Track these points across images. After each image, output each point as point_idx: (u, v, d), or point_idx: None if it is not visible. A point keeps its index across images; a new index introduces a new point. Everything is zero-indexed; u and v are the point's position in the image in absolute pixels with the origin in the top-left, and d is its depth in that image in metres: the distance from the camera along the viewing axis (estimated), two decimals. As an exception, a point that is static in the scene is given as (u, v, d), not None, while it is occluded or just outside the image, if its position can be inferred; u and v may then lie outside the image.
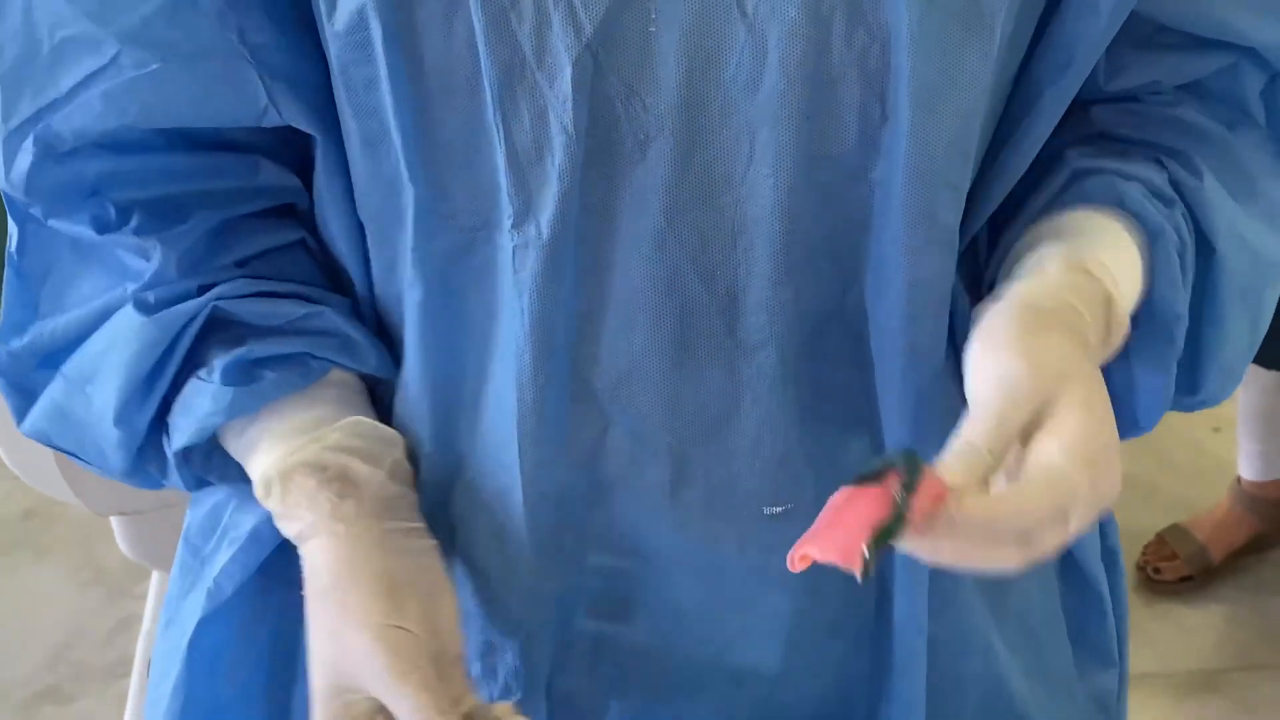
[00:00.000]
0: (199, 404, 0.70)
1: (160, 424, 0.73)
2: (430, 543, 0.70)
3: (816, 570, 0.69)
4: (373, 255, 0.71)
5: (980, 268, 0.75)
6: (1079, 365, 0.59)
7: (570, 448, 0.68)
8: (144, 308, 0.70)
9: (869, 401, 0.70)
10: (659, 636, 0.74)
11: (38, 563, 2.30)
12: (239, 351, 0.70)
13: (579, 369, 0.66)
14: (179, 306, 0.70)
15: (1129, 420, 0.70)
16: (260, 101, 0.65)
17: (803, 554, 0.55)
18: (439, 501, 0.73)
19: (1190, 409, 0.76)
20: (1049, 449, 0.56)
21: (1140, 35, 0.67)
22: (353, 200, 0.70)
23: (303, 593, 0.74)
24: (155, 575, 1.87)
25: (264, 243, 0.73)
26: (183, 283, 0.72)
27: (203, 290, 0.71)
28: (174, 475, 0.75)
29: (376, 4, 0.59)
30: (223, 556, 0.80)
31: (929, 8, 0.58)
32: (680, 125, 0.60)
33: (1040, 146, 0.67)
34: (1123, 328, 0.64)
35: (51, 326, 0.72)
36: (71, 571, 2.27)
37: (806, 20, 0.58)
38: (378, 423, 0.72)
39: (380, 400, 0.76)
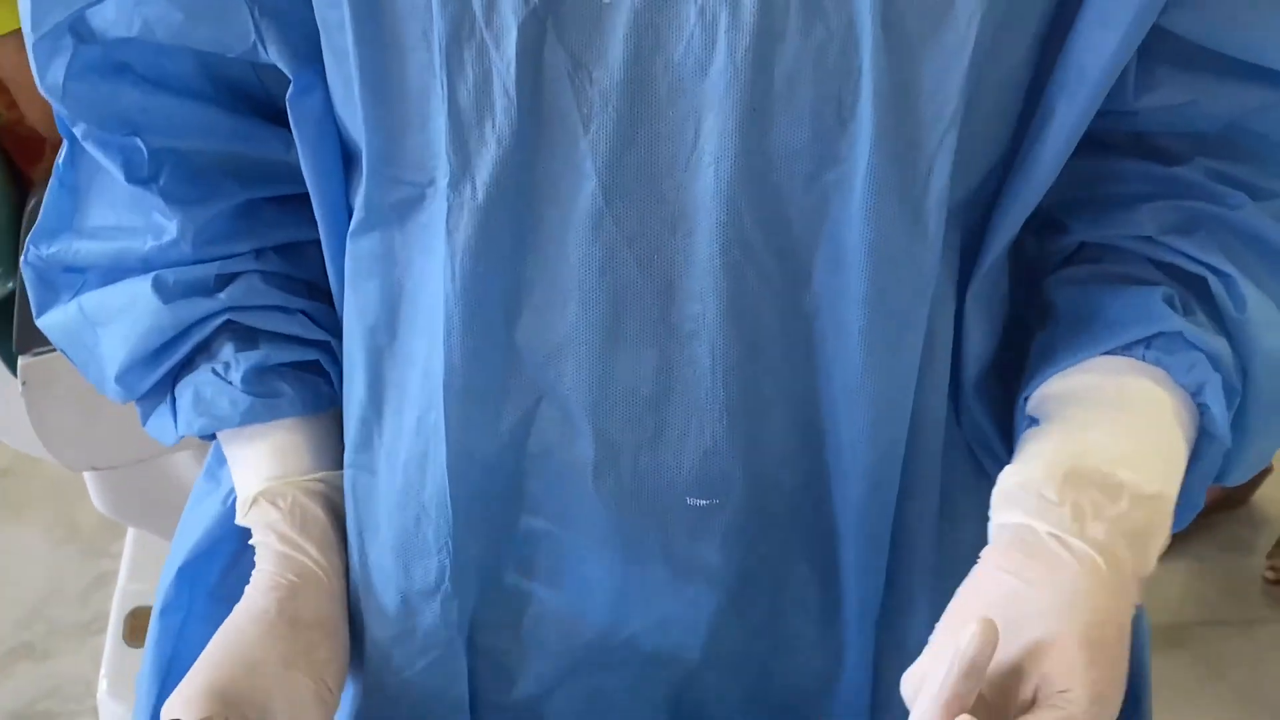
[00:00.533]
0: (217, 404, 0.74)
1: (159, 389, 0.77)
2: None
3: (741, 572, 0.73)
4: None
5: (1005, 295, 0.73)
6: (1118, 676, 0.62)
7: (500, 416, 0.68)
8: (162, 291, 0.73)
9: (812, 407, 0.69)
10: (581, 607, 0.74)
11: (13, 521, 2.30)
12: (256, 356, 0.74)
13: (512, 338, 0.66)
14: (196, 301, 0.73)
15: None
16: (249, 36, 0.65)
17: None
18: (365, 464, 0.75)
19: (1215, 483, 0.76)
20: None
21: (1177, 54, 0.65)
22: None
23: None
24: (130, 533, 1.89)
25: (282, 235, 0.75)
26: (200, 267, 0.74)
27: (220, 282, 0.74)
28: (166, 424, 0.78)
29: None
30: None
31: (894, 5, 0.56)
32: (625, 103, 0.59)
33: (1056, 172, 0.65)
34: (1164, 540, 0.66)
35: (77, 247, 0.75)
36: (46, 529, 2.27)
37: (759, 8, 0.57)
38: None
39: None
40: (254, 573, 0.73)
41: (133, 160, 0.71)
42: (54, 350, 1.51)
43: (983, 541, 0.65)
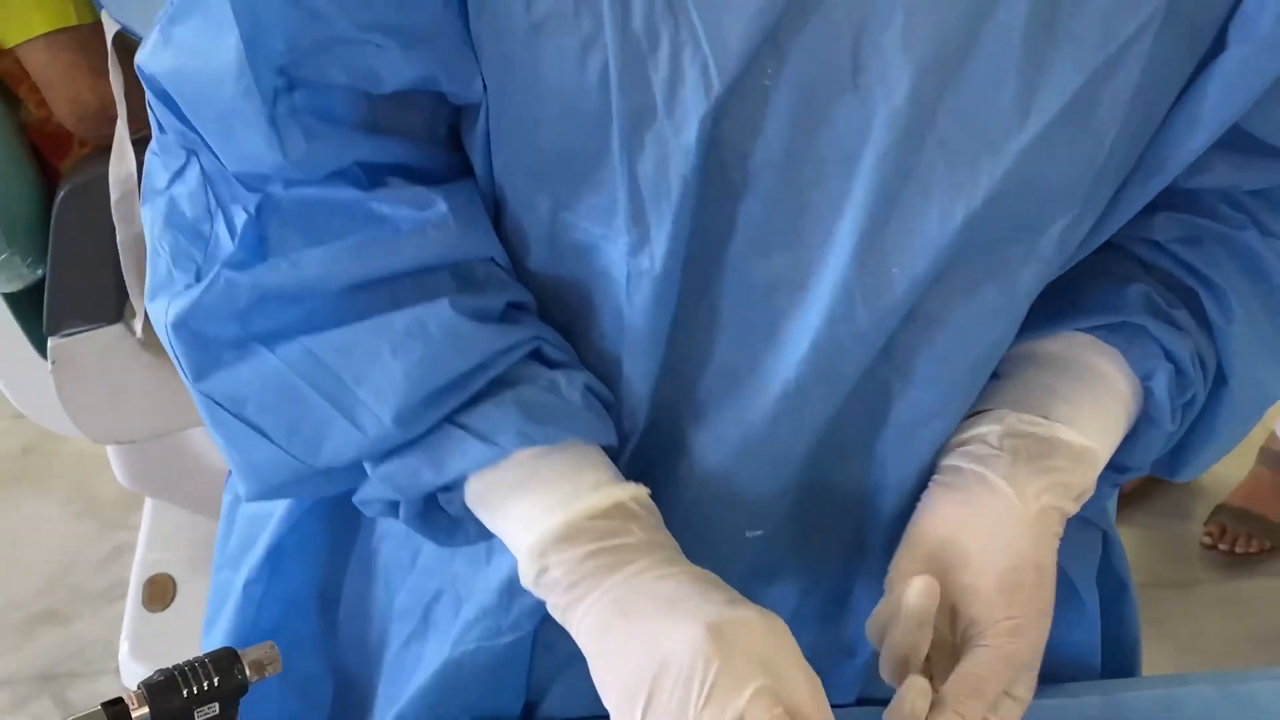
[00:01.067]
0: (556, 417, 0.72)
1: (434, 428, 0.72)
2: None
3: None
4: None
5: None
6: (1043, 623, 0.69)
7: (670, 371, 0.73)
8: (469, 314, 0.71)
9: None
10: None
11: (36, 496, 2.36)
12: (583, 376, 0.73)
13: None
14: (499, 330, 0.71)
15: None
16: (475, 81, 0.68)
17: None
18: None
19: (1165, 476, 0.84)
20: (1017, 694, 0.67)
21: (1229, 140, 0.69)
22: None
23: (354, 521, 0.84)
24: (147, 505, 1.95)
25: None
26: (499, 294, 0.72)
27: (512, 310, 0.73)
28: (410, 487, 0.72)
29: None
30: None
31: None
32: (775, 181, 0.66)
33: (1109, 235, 0.71)
34: (1088, 494, 0.73)
35: (272, 276, 0.70)
36: (67, 504, 2.33)
37: (909, 105, 0.62)
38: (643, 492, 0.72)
39: None
40: (657, 565, 0.71)
41: (360, 180, 0.71)
42: (81, 332, 1.63)
43: None
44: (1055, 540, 0.70)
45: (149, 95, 0.70)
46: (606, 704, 0.66)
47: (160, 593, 1.99)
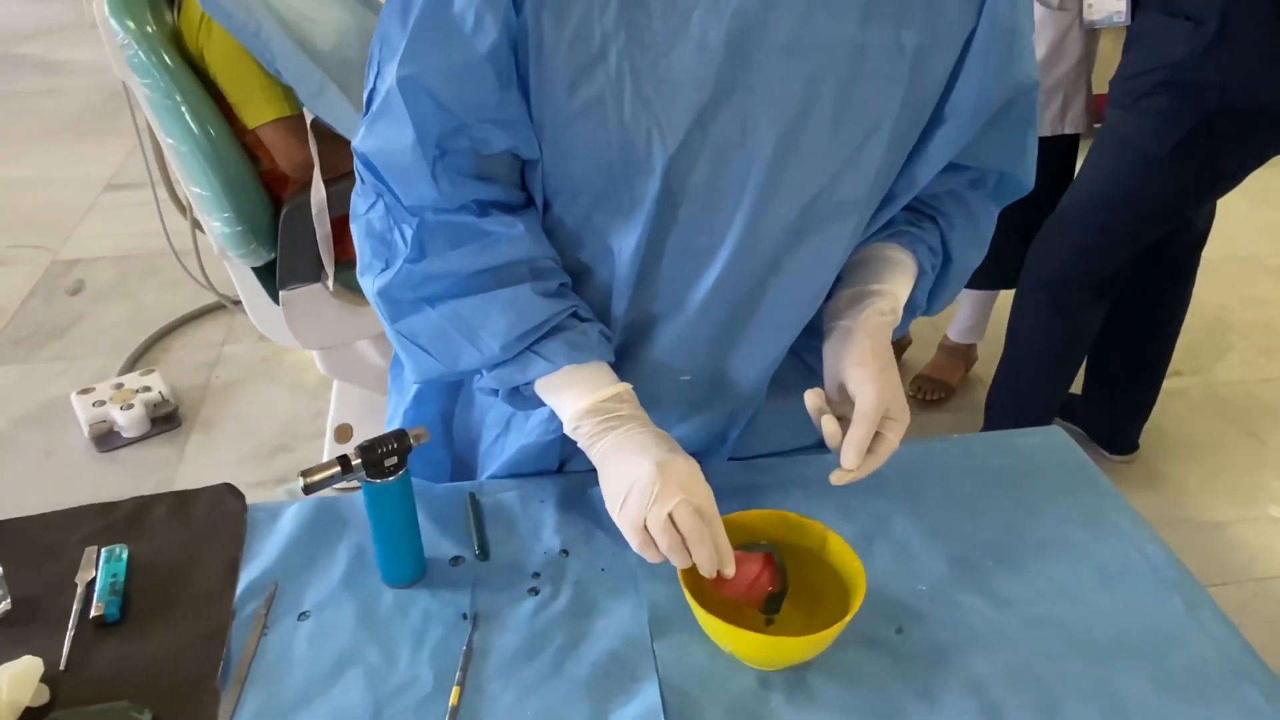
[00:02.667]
0: (588, 346, 0.84)
1: (521, 354, 0.83)
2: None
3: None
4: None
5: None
6: (891, 378, 0.83)
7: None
8: (539, 293, 0.82)
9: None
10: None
11: (272, 383, 2.69)
12: (599, 326, 0.86)
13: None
14: (556, 300, 0.83)
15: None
16: (535, 146, 0.80)
17: (719, 592, 0.81)
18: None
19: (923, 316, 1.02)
20: (887, 437, 0.83)
21: (945, 166, 0.87)
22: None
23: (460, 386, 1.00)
24: (335, 385, 2.26)
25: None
26: (555, 279, 0.84)
27: (563, 289, 0.85)
28: (502, 379, 0.84)
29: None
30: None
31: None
32: (700, 197, 0.79)
33: (891, 216, 0.88)
34: (898, 316, 0.89)
35: (431, 266, 0.81)
36: (290, 389, 2.66)
37: (773, 155, 0.77)
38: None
39: None
40: (636, 427, 0.82)
41: (475, 209, 0.81)
42: (298, 287, 1.86)
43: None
44: (886, 339, 0.86)
45: (357, 163, 0.82)
46: (605, 501, 0.81)
47: (344, 433, 2.24)
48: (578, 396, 0.83)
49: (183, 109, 1.75)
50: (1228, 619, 0.90)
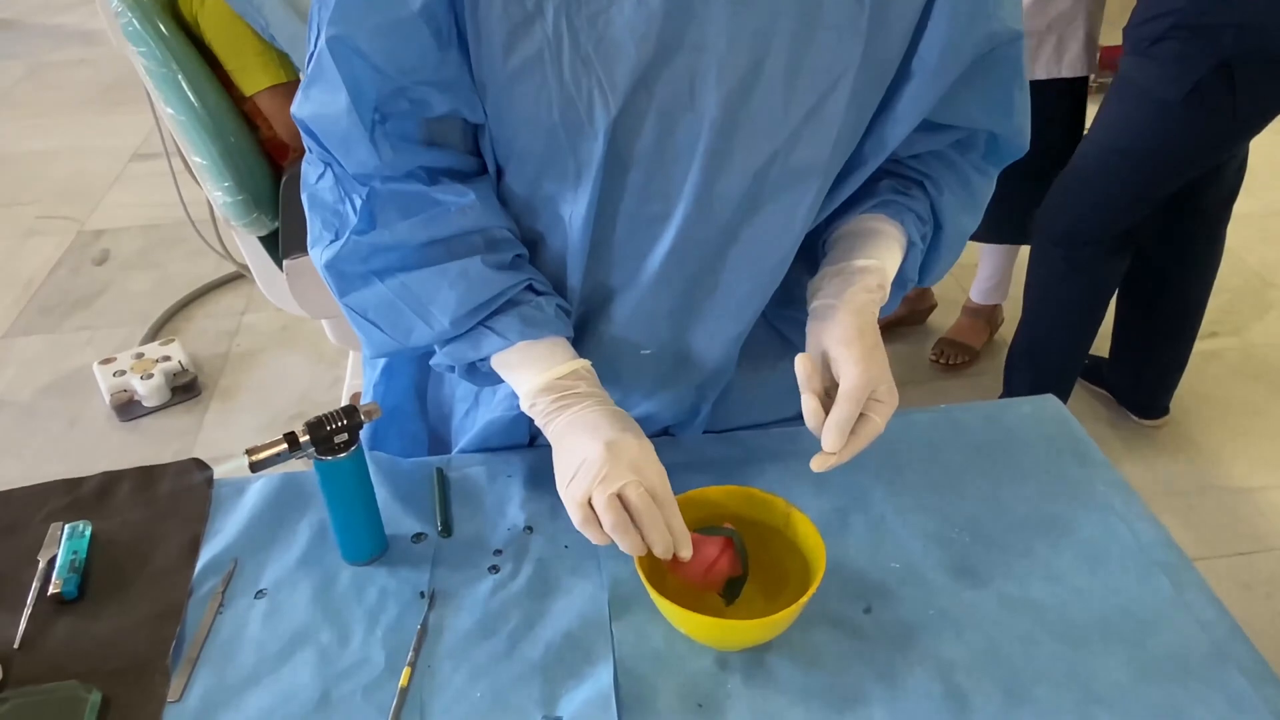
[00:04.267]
0: (543, 321, 0.82)
1: (473, 328, 0.81)
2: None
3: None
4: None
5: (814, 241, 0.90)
6: (878, 358, 0.78)
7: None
8: (492, 265, 0.80)
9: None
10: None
11: (290, 352, 2.70)
12: (555, 299, 0.84)
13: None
14: (509, 273, 0.81)
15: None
16: (479, 109, 0.78)
17: (677, 576, 0.78)
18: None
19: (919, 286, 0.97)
20: (871, 419, 0.77)
21: (923, 125, 0.82)
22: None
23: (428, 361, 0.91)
24: (351, 355, 2.34)
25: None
26: (509, 250, 0.82)
27: (518, 261, 0.83)
28: (452, 356, 0.82)
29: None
30: None
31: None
32: (648, 162, 0.76)
33: (858, 185, 0.84)
34: (887, 296, 0.85)
35: (379, 238, 0.79)
36: (307, 355, 2.68)
37: (721, 116, 0.72)
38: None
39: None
40: (592, 405, 0.80)
41: (425, 178, 0.79)
42: (301, 256, 1.76)
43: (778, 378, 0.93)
44: (873, 316, 0.82)
45: (300, 130, 0.80)
46: (556, 478, 0.79)
47: (360, 400, 2.09)
48: (534, 374, 0.82)
49: (179, 78, 1.73)
50: (1218, 601, 0.86)
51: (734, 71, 0.71)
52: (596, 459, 0.76)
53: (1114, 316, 2.25)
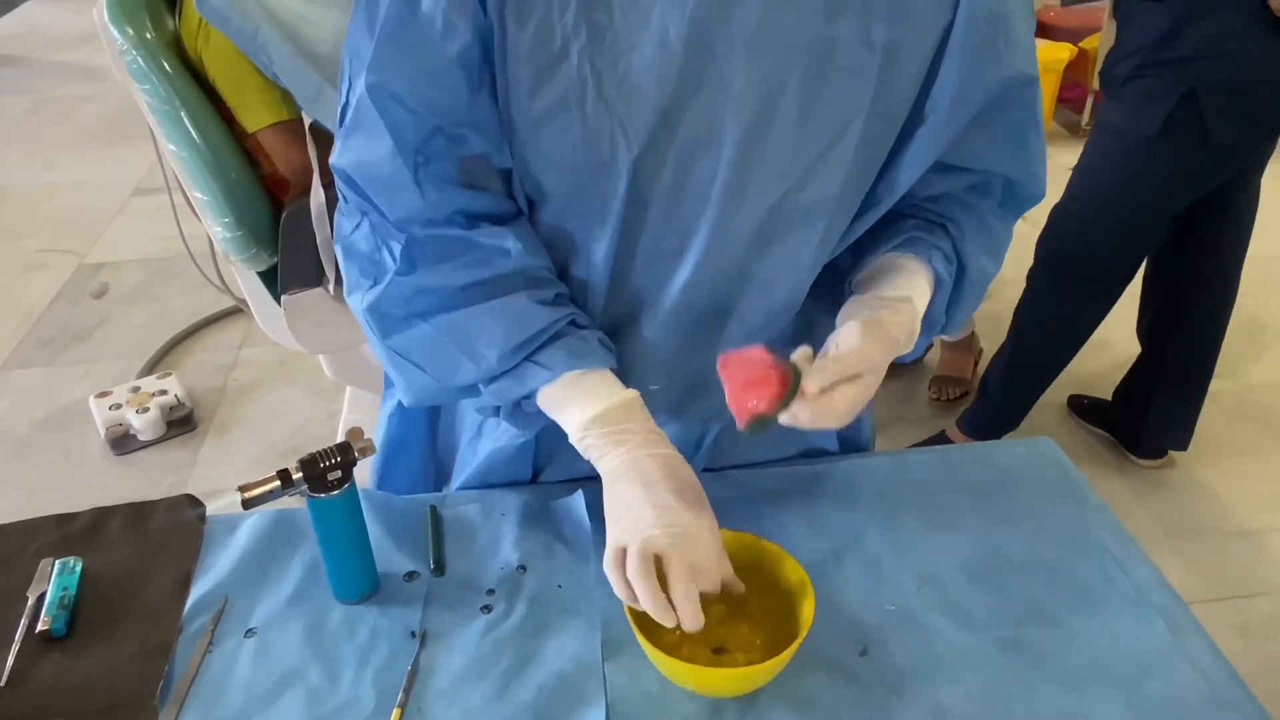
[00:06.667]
0: (590, 352, 0.81)
1: (520, 364, 0.80)
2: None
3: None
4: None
5: (839, 282, 0.89)
6: (884, 342, 0.78)
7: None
8: (536, 301, 0.81)
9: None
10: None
11: (289, 385, 2.71)
12: (598, 331, 0.83)
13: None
14: (554, 309, 0.81)
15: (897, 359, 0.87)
16: (506, 152, 0.79)
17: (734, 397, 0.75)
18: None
19: (936, 336, 0.94)
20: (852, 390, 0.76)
21: (938, 167, 0.83)
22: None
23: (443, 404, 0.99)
24: (348, 390, 2.28)
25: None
26: (551, 288, 0.82)
27: (560, 298, 0.83)
28: (496, 398, 0.82)
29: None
30: None
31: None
32: (667, 198, 0.77)
33: (873, 221, 0.84)
34: (917, 331, 0.84)
35: (422, 279, 0.79)
36: (305, 392, 2.69)
37: (737, 154, 0.74)
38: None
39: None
40: (642, 447, 0.79)
41: (464, 222, 0.79)
42: (299, 291, 1.81)
43: None
44: (893, 328, 0.79)
45: (338, 181, 0.82)
46: (606, 515, 0.78)
47: (355, 435, 1.92)
48: (582, 408, 0.80)
49: (182, 114, 1.74)
50: (1215, 647, 0.85)
51: (750, 111, 0.73)
52: (641, 545, 0.73)
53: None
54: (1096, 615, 0.88)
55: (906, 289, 0.85)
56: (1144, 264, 2.15)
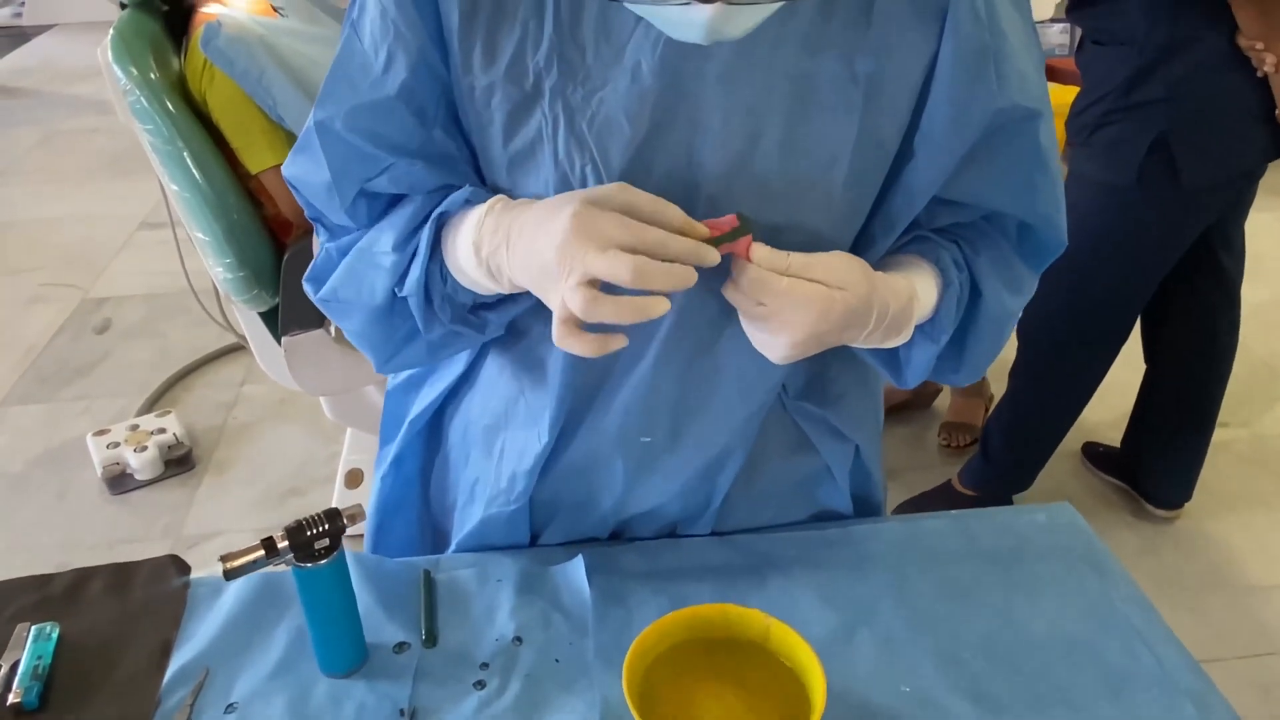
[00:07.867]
0: (464, 196, 0.76)
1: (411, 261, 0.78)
2: None
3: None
4: None
5: None
6: (857, 284, 0.72)
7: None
8: (424, 196, 0.78)
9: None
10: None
11: (288, 424, 2.70)
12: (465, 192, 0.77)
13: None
14: (439, 194, 0.78)
15: (899, 380, 0.86)
16: (472, 178, 0.79)
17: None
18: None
19: (952, 383, 0.89)
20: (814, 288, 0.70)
21: (941, 202, 0.80)
22: None
23: (438, 450, 0.98)
24: (349, 431, 2.28)
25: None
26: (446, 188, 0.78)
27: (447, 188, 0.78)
28: (419, 296, 0.77)
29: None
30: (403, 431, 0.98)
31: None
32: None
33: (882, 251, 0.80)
34: (911, 323, 0.78)
35: (345, 240, 0.82)
36: (305, 428, 2.67)
37: (718, 186, 0.72)
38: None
39: None
40: (526, 205, 0.73)
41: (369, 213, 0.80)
42: (300, 333, 1.80)
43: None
44: (880, 290, 0.73)
45: (288, 183, 0.83)
46: (531, 288, 0.72)
47: (354, 478, 2.23)
48: (466, 227, 0.74)
49: (185, 155, 1.73)
50: (1248, 732, 0.80)
51: (730, 148, 0.72)
52: (557, 247, 0.66)
53: (1135, 403, 2.21)
54: (1123, 697, 0.83)
55: (908, 276, 0.80)
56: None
